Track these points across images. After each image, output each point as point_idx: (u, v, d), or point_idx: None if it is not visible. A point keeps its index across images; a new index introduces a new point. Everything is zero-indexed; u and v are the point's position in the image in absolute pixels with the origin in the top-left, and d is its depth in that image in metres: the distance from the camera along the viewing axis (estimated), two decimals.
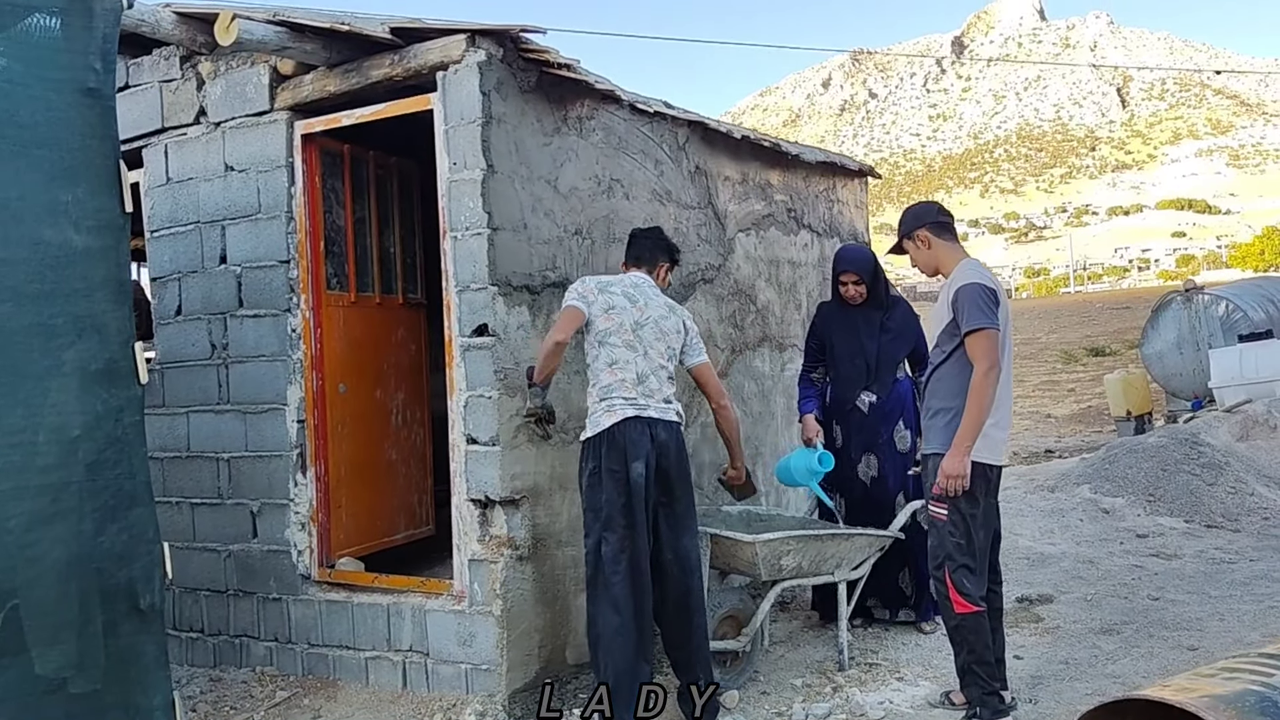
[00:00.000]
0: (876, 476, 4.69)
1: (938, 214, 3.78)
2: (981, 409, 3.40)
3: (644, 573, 3.59)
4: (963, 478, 3.42)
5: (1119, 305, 38.35)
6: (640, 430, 3.61)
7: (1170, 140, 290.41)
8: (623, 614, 3.51)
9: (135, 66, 4.90)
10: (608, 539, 3.55)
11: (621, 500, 3.55)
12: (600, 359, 3.70)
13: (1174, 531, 6.30)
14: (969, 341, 3.46)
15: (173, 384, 4.83)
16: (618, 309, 3.71)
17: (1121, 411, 11.01)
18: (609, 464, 3.58)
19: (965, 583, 3.48)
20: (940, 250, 3.71)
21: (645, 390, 3.68)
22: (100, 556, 3.25)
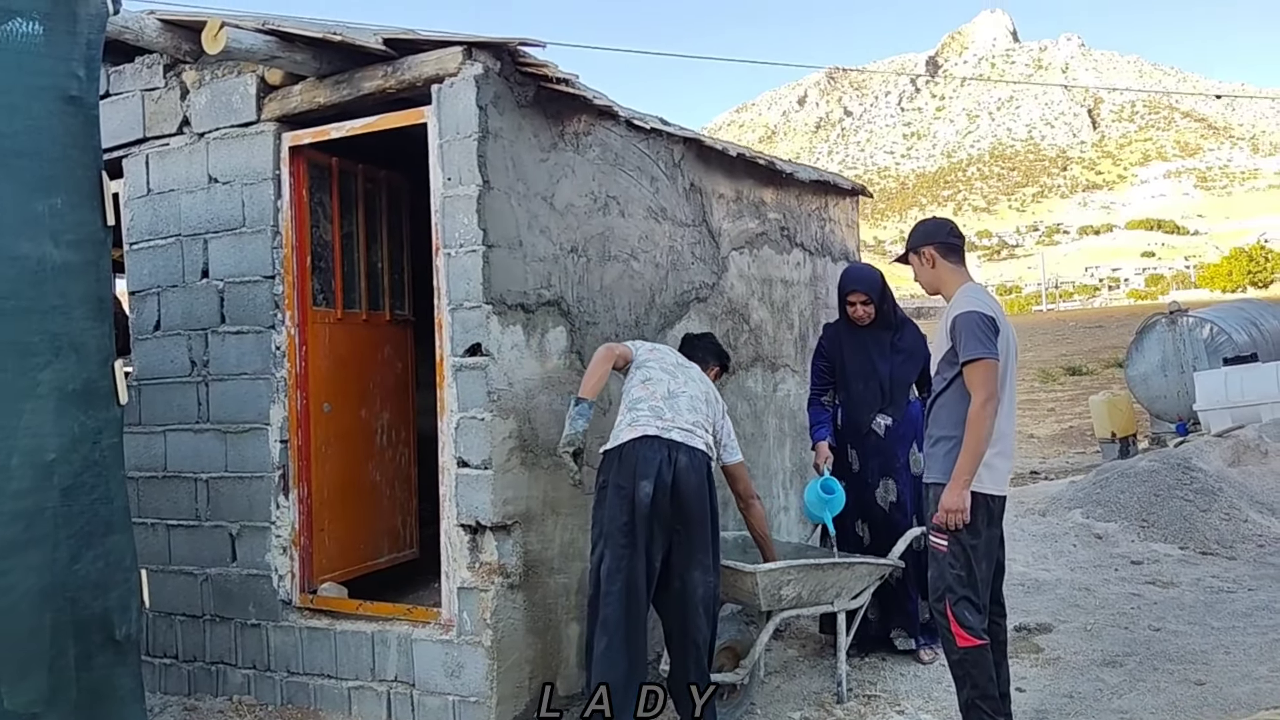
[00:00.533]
0: (896, 501, 4.58)
1: (948, 234, 3.71)
2: (980, 441, 3.32)
3: (639, 594, 3.45)
4: (962, 512, 3.34)
5: (1092, 324, 38.74)
6: (655, 449, 3.51)
7: (1140, 161, 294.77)
8: (612, 637, 3.39)
9: (117, 74, 4.75)
10: (606, 556, 3.47)
11: (624, 518, 3.45)
12: (635, 379, 3.75)
13: (1169, 558, 6.25)
14: (966, 371, 3.38)
15: (150, 402, 4.67)
16: (654, 380, 3.78)
17: (1106, 433, 11.01)
18: (617, 479, 3.51)
19: (967, 615, 3.38)
20: (944, 271, 3.63)
21: (674, 408, 3.63)
22: (75, 585, 3.10)
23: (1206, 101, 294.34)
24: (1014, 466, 11.19)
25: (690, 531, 3.56)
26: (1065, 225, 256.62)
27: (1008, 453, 3.53)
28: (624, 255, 4.52)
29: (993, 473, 3.45)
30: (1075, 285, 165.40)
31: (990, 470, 3.43)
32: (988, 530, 3.48)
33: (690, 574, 3.56)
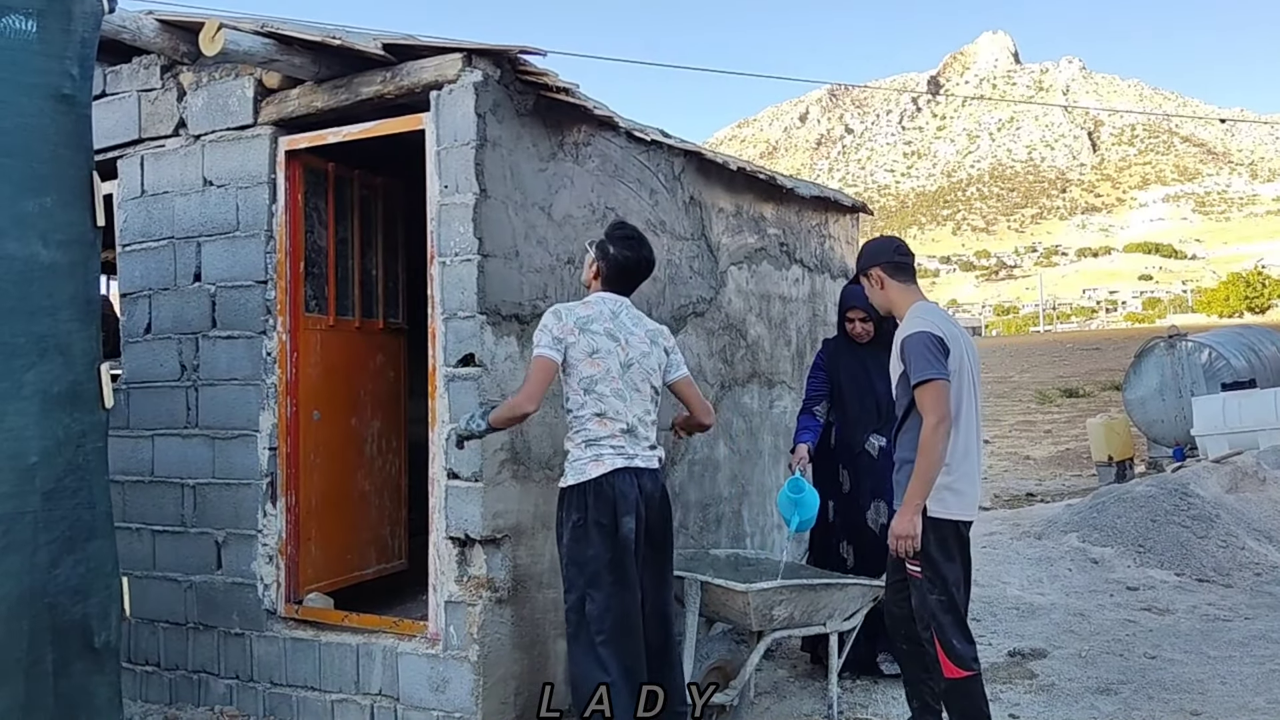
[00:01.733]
0: (885, 524, 4.52)
1: (894, 253, 3.61)
2: (931, 464, 3.23)
3: (634, 630, 3.35)
4: (912, 538, 3.26)
5: (1089, 346, 38.77)
6: (629, 482, 3.35)
7: (1139, 185, 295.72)
8: (611, 673, 3.27)
9: (114, 74, 4.71)
10: (593, 596, 3.29)
11: (609, 555, 3.30)
12: (587, 408, 3.37)
13: (1165, 585, 6.20)
14: (917, 394, 3.30)
15: (138, 405, 4.61)
16: (603, 352, 3.37)
17: (1103, 456, 10.96)
18: (596, 516, 3.30)
19: (954, 644, 3.29)
20: (893, 291, 3.56)
21: (633, 439, 3.41)
22: (54, 591, 3.05)
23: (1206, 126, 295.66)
24: (1010, 488, 11.22)
25: (660, 553, 3.50)
26: (1064, 247, 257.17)
27: (973, 475, 3.42)
28: None
29: (960, 497, 3.36)
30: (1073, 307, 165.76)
31: (957, 495, 3.35)
32: (961, 555, 3.40)
33: (662, 594, 3.51)
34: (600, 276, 3.52)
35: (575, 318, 3.40)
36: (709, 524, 5.17)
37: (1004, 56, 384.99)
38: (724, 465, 5.33)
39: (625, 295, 3.55)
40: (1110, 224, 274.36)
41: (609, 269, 3.51)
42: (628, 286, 3.55)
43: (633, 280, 3.56)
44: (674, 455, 4.89)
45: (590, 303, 3.49)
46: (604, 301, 3.50)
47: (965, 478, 3.37)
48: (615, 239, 3.52)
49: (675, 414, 3.79)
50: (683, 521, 4.93)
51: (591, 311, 3.44)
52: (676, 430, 3.82)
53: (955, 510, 3.35)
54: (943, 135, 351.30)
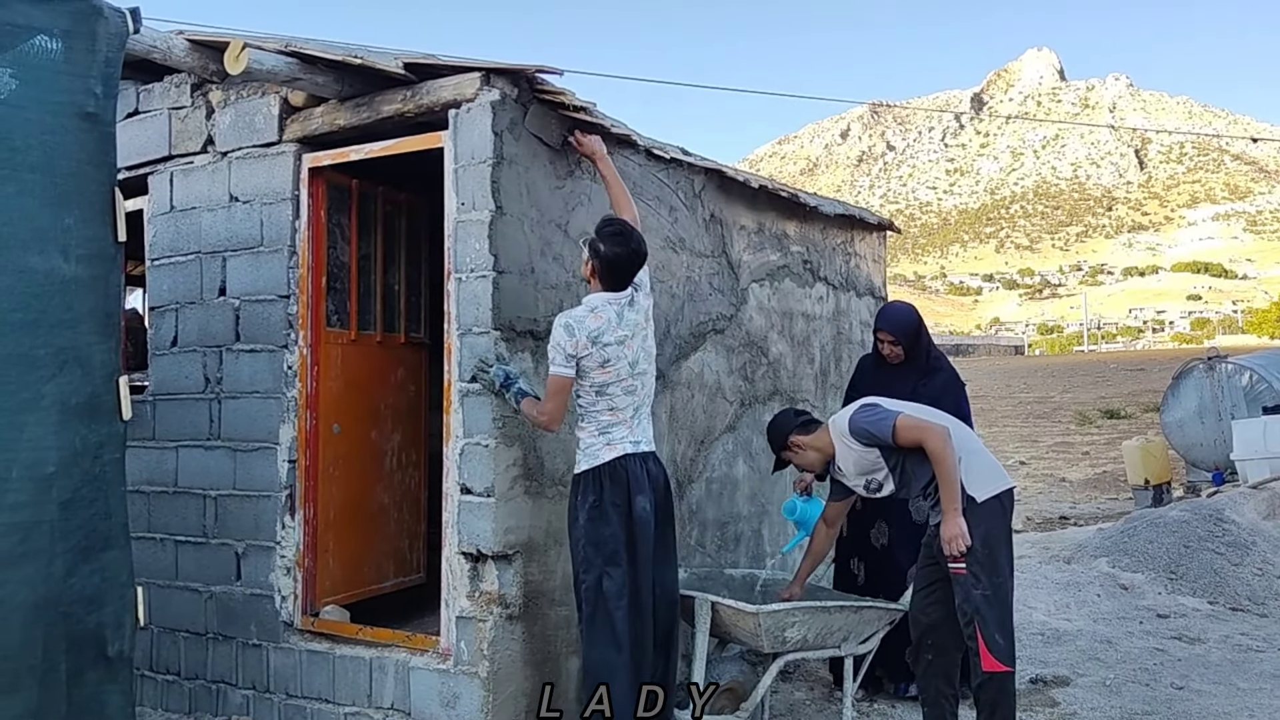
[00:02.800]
0: (886, 545, 4.50)
1: (795, 418, 4.00)
2: (950, 469, 3.47)
3: (645, 609, 3.53)
4: (961, 536, 3.46)
5: (1134, 367, 38.11)
6: (639, 465, 3.56)
7: (1187, 203, 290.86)
8: (624, 651, 3.44)
9: (146, 93, 4.81)
10: (611, 574, 3.46)
11: (625, 535, 3.49)
12: (599, 405, 3.57)
13: (1197, 613, 6.05)
14: (899, 437, 3.58)
15: (164, 417, 4.69)
16: (613, 360, 3.53)
17: (1139, 480, 10.75)
18: (612, 498, 3.49)
19: (997, 638, 3.44)
20: (813, 442, 3.87)
21: (640, 426, 3.63)
22: (69, 600, 3.09)
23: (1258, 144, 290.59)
24: (1043, 510, 11.04)
25: (666, 534, 3.68)
26: (1109, 266, 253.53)
27: (981, 450, 3.72)
28: None
29: (986, 472, 3.61)
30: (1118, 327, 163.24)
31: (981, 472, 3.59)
32: (1007, 538, 3.61)
33: (666, 575, 3.69)
34: (596, 274, 3.62)
35: (586, 332, 3.49)
36: (727, 543, 5.14)
37: (1049, 73, 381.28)
38: (743, 483, 5.30)
39: (622, 288, 3.63)
40: (1158, 243, 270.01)
41: (602, 267, 3.59)
42: (623, 280, 3.63)
43: (626, 274, 3.63)
44: (691, 473, 4.88)
45: (597, 310, 3.56)
46: (608, 306, 3.58)
47: (972, 455, 3.62)
48: (604, 236, 3.60)
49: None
50: (700, 540, 4.91)
51: (600, 323, 3.52)
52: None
53: (991, 484, 3.57)
54: (986, 152, 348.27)
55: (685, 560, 4.74)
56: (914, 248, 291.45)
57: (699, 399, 4.93)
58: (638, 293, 3.66)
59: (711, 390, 5.03)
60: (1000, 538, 3.56)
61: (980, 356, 67.16)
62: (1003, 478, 3.66)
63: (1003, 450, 17.72)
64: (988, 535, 3.50)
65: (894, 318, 4.60)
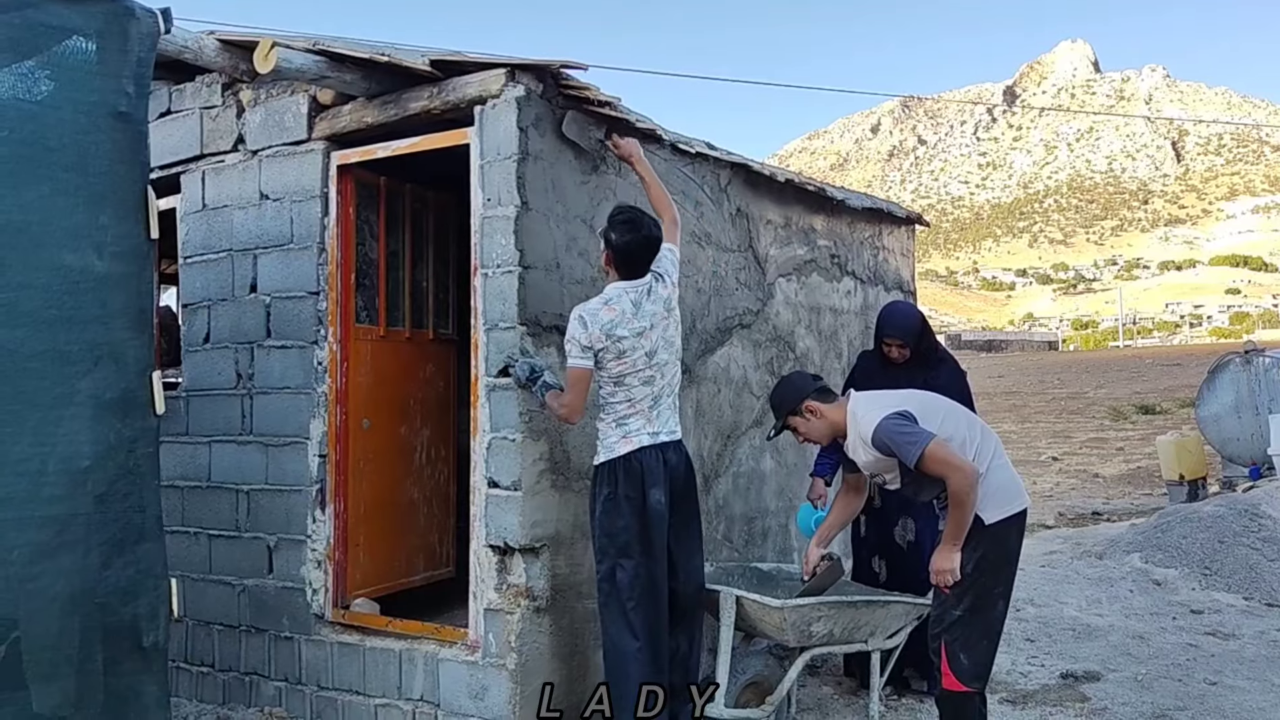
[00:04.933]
0: (914, 541, 4.47)
1: (813, 381, 3.76)
2: (967, 511, 3.31)
3: (660, 599, 3.59)
4: (950, 571, 3.36)
5: (1170, 362, 37.59)
6: (655, 457, 3.59)
7: (1226, 196, 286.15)
8: (640, 638, 3.51)
9: (178, 93, 4.88)
10: (623, 565, 3.53)
11: (638, 527, 3.54)
12: (617, 395, 3.60)
13: (1232, 609, 5.96)
14: (924, 466, 3.34)
15: (197, 412, 4.76)
16: (630, 351, 3.54)
17: (1174, 475, 10.60)
18: (626, 490, 3.54)
19: (961, 658, 3.38)
20: (830, 413, 3.63)
21: (659, 416, 3.64)
22: (105, 591, 3.15)
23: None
24: (1075, 506, 10.92)
25: (688, 522, 3.73)
26: (1145, 260, 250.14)
27: (1002, 465, 3.49)
28: None
29: (1002, 491, 3.41)
30: (1155, 321, 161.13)
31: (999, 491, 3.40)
32: (1007, 564, 3.45)
33: (692, 562, 3.74)
34: (612, 263, 3.66)
35: (601, 325, 3.52)
36: (754, 537, 5.14)
37: (1083, 65, 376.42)
38: (770, 478, 5.30)
39: (639, 275, 3.64)
40: (1195, 236, 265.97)
41: (616, 255, 3.63)
42: (639, 268, 3.64)
43: (641, 261, 3.64)
44: (718, 468, 4.88)
45: (612, 302, 3.57)
46: (624, 297, 3.59)
47: (995, 471, 3.43)
48: (615, 224, 3.64)
49: None
50: (726, 534, 4.92)
51: (614, 315, 3.54)
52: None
53: (1004, 506, 3.41)
54: (1019, 146, 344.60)
55: (712, 555, 4.74)
56: (946, 243, 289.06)
57: (725, 394, 4.93)
58: (658, 283, 3.66)
59: (738, 385, 5.03)
60: (998, 562, 3.41)
61: (1013, 352, 66.49)
62: (1018, 498, 3.48)
63: (1035, 446, 17.56)
64: (983, 559, 3.37)
65: (900, 323, 4.56)
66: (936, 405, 3.57)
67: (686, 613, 3.72)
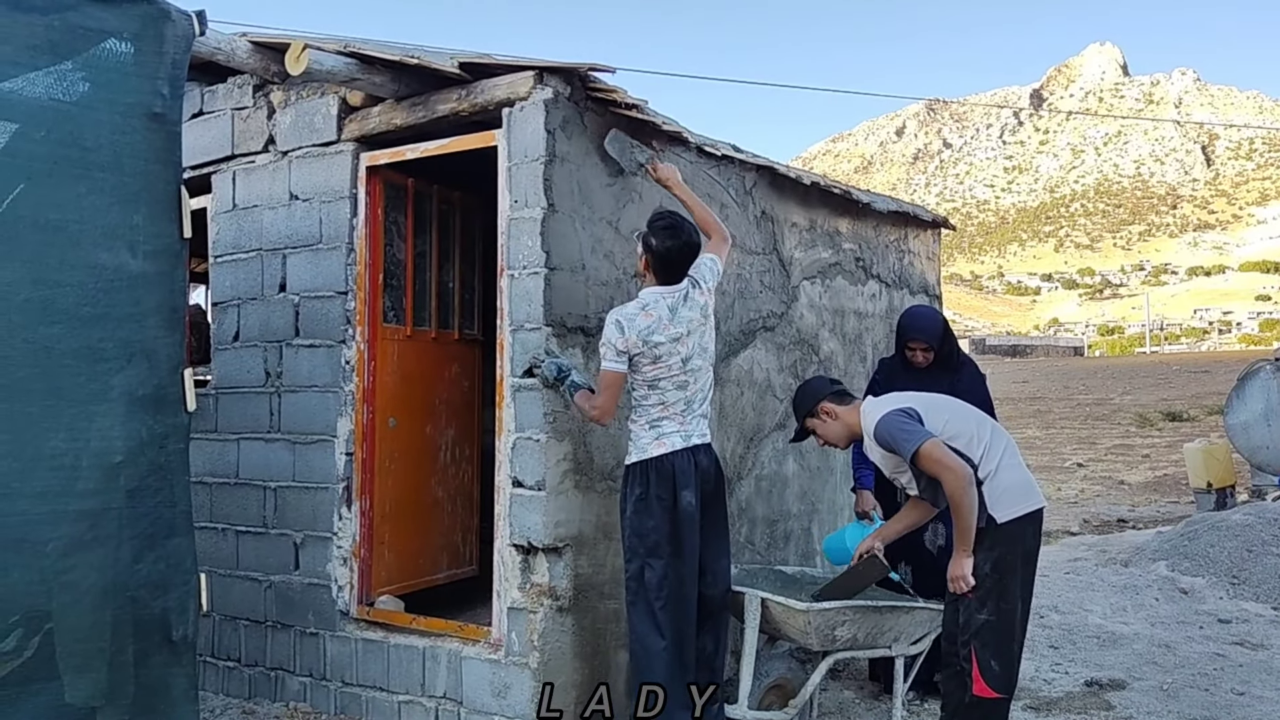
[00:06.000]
0: (944, 545, 4.44)
1: (831, 384, 3.88)
2: (967, 513, 3.36)
3: (688, 599, 3.60)
4: (964, 578, 3.42)
5: (1198, 368, 37.17)
6: (687, 460, 3.60)
7: (1257, 201, 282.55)
8: (666, 637, 3.52)
9: (210, 94, 4.94)
10: (652, 565, 3.54)
11: (668, 528, 3.56)
12: (650, 399, 3.61)
13: (1260, 619, 5.90)
14: (919, 464, 3.43)
15: (226, 410, 4.81)
16: (665, 356, 3.56)
17: (1201, 483, 10.48)
18: (658, 491, 3.55)
19: (992, 663, 3.39)
20: (845, 415, 3.73)
21: (691, 419, 3.65)
22: (136, 585, 3.20)
23: None
24: (1101, 513, 10.82)
25: (716, 524, 3.73)
26: (1174, 265, 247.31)
27: (1014, 464, 3.53)
28: None
29: (1014, 491, 3.45)
30: (1183, 328, 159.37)
31: (1010, 491, 3.44)
32: (1025, 564, 3.48)
33: (720, 563, 3.75)
34: (650, 268, 3.65)
35: (637, 330, 3.52)
36: (776, 540, 5.14)
37: (1111, 68, 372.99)
38: (793, 481, 5.29)
39: (678, 281, 3.64)
40: (1225, 242, 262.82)
41: (655, 261, 3.62)
42: (678, 273, 3.64)
43: (680, 267, 3.63)
44: (741, 470, 4.88)
45: (649, 308, 3.58)
46: (660, 302, 3.59)
47: (1006, 470, 3.47)
48: (656, 229, 3.63)
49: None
50: (749, 537, 4.92)
51: (652, 321, 3.55)
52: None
53: (1017, 505, 3.44)
54: (1045, 149, 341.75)
55: (735, 557, 4.73)
56: (971, 246, 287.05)
57: (749, 396, 4.93)
58: (695, 289, 3.65)
59: (761, 388, 5.03)
60: (1015, 562, 3.43)
61: (1038, 357, 65.98)
62: (1032, 497, 3.50)
63: (1060, 452, 17.42)
64: (1001, 560, 3.40)
65: (924, 325, 4.53)
66: (944, 405, 3.63)
67: (713, 614, 3.73)
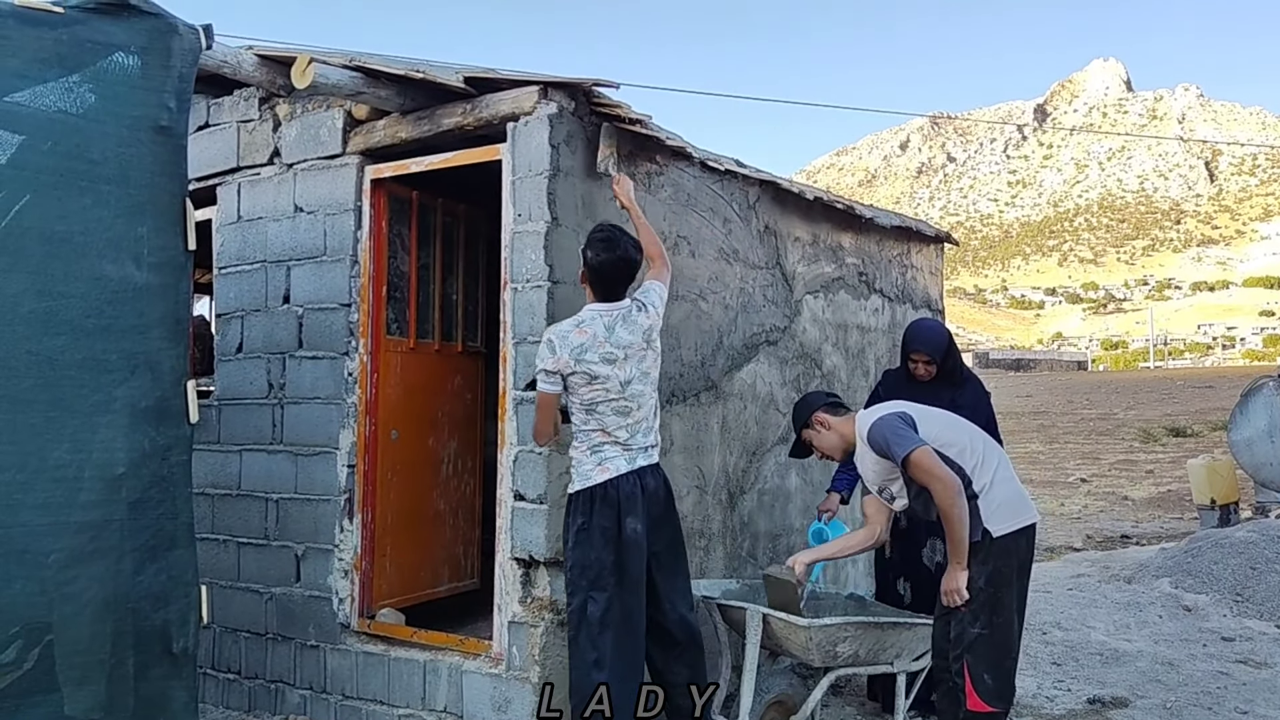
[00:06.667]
0: (941, 563, 4.43)
1: (826, 397, 3.95)
2: (958, 524, 3.39)
3: (637, 631, 3.42)
4: (959, 591, 3.44)
5: (1201, 384, 37.13)
6: (633, 484, 3.44)
7: (1261, 216, 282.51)
8: (604, 672, 3.33)
9: (216, 106, 4.97)
10: (595, 598, 3.36)
11: (611, 558, 3.38)
12: (589, 424, 3.46)
13: (1264, 637, 5.87)
14: (909, 471, 3.46)
15: (229, 421, 4.82)
16: (601, 377, 3.39)
17: (1205, 500, 10.45)
18: (600, 520, 3.39)
19: (985, 677, 3.40)
20: (839, 425, 3.77)
21: (635, 442, 3.48)
22: (137, 597, 3.20)
23: None
24: (1104, 529, 10.79)
25: (670, 547, 3.58)
26: (1177, 280, 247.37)
27: (1007, 479, 3.56)
28: (692, 295, 4.50)
29: (1007, 506, 3.49)
30: (1186, 343, 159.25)
31: (1003, 506, 3.47)
32: (1020, 578, 3.51)
33: (676, 585, 3.57)
34: (587, 281, 3.53)
35: (570, 348, 3.40)
36: (779, 555, 5.12)
37: (1115, 84, 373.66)
38: (795, 496, 5.29)
39: (618, 298, 3.50)
40: (1228, 257, 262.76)
41: (590, 274, 3.50)
42: (613, 289, 3.49)
43: (615, 282, 3.49)
44: (743, 484, 4.88)
45: (584, 324, 3.45)
46: (597, 320, 3.45)
47: (1000, 484, 3.50)
48: (592, 240, 3.50)
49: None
50: (751, 551, 4.91)
51: (586, 338, 3.41)
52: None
53: (1012, 519, 3.48)
54: (1049, 164, 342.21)
55: (737, 572, 4.74)
56: (974, 260, 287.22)
57: (751, 410, 4.93)
58: (640, 312, 3.51)
59: (764, 402, 5.03)
60: (1009, 576, 3.46)
61: (1042, 371, 65.91)
62: (1026, 511, 3.53)
63: (1063, 467, 17.38)
64: (995, 573, 3.43)
65: (928, 338, 4.53)
66: (938, 415, 3.67)
67: (679, 642, 3.54)
